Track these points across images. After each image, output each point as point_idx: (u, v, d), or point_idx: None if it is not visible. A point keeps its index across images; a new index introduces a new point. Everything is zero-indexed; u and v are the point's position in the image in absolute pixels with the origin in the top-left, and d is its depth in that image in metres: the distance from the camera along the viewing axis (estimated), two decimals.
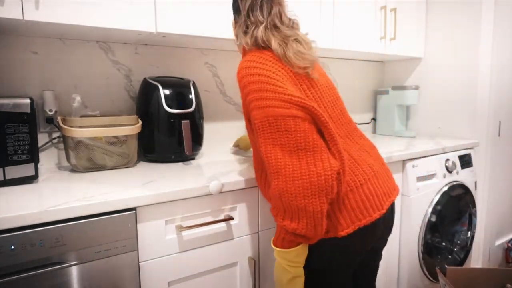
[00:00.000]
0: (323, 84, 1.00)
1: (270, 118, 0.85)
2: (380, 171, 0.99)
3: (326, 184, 0.81)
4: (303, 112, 0.84)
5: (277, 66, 0.91)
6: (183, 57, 1.61)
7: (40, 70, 1.31)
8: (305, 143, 0.82)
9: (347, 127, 1.02)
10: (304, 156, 0.82)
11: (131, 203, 0.91)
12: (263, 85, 0.87)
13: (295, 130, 0.83)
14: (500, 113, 2.08)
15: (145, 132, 1.34)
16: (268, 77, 0.88)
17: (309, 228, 0.83)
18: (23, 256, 0.80)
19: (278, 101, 0.85)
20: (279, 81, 0.88)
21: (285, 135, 0.83)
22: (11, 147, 0.99)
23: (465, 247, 1.91)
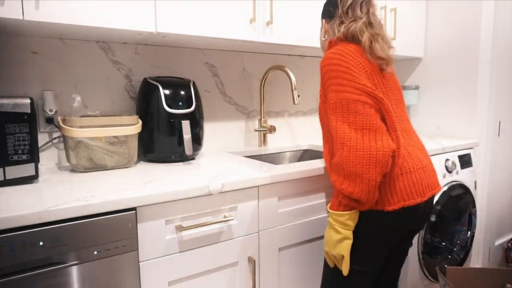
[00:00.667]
0: (392, 84, 1.14)
1: (343, 101, 1.00)
2: (428, 167, 1.12)
3: (382, 158, 0.95)
4: (371, 100, 1.00)
5: (356, 60, 1.04)
6: (183, 57, 1.61)
7: (40, 70, 1.31)
8: (370, 124, 0.97)
9: (405, 125, 1.15)
10: (367, 134, 0.96)
11: (131, 203, 0.91)
12: (341, 74, 1.02)
13: (363, 113, 0.98)
14: (500, 113, 2.09)
15: (145, 132, 1.34)
16: (347, 68, 1.02)
17: (363, 194, 0.97)
18: (23, 256, 0.80)
19: (352, 88, 1.00)
20: (356, 72, 1.02)
21: (354, 115, 0.99)
22: (11, 147, 0.99)
23: (465, 247, 1.91)
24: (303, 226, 1.27)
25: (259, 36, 1.45)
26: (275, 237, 1.21)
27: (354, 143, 0.97)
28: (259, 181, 1.13)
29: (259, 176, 1.13)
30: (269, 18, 1.45)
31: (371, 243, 1.06)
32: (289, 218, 1.24)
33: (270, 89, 1.89)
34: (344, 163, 0.98)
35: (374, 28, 1.13)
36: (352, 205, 1.01)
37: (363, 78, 1.02)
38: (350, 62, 1.03)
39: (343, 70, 1.02)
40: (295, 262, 1.28)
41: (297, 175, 1.21)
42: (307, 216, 1.28)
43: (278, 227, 1.21)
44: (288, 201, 1.23)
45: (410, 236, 1.20)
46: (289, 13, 1.52)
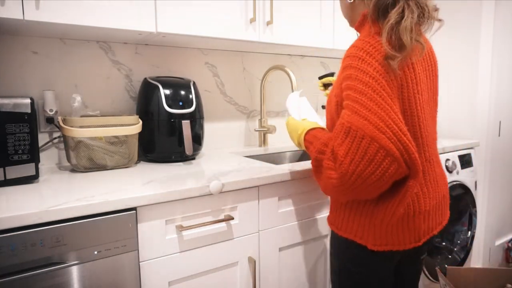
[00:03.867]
0: (431, 86, 0.93)
1: (358, 131, 0.79)
2: (438, 204, 0.98)
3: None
4: (398, 152, 0.77)
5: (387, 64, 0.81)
6: (183, 57, 1.61)
7: (40, 70, 1.31)
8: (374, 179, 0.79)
9: (434, 147, 0.98)
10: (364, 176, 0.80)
11: (132, 203, 0.91)
12: (368, 90, 0.80)
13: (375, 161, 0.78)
14: (500, 113, 2.09)
15: (146, 132, 1.34)
16: (378, 82, 0.80)
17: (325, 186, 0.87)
18: (24, 256, 0.80)
19: (378, 120, 0.78)
20: (390, 91, 0.80)
21: (361, 157, 0.79)
22: (12, 147, 0.99)
23: (465, 247, 1.91)
24: (303, 226, 1.27)
25: (259, 36, 1.45)
26: (275, 237, 1.21)
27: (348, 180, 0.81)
28: (259, 181, 1.13)
29: (259, 176, 1.13)
30: (269, 18, 1.45)
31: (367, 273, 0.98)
32: (289, 218, 1.24)
33: (270, 89, 1.89)
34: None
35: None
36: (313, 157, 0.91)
37: (395, 100, 0.81)
38: (384, 68, 0.80)
39: (371, 83, 0.80)
40: (295, 262, 1.28)
41: (297, 175, 1.21)
42: (307, 216, 1.28)
43: (278, 227, 1.21)
44: (288, 201, 1.23)
45: (416, 259, 1.10)
46: (289, 13, 1.52)
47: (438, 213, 0.99)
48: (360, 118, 0.79)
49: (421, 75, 0.90)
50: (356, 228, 0.94)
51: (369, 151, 0.77)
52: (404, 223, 0.91)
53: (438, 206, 0.98)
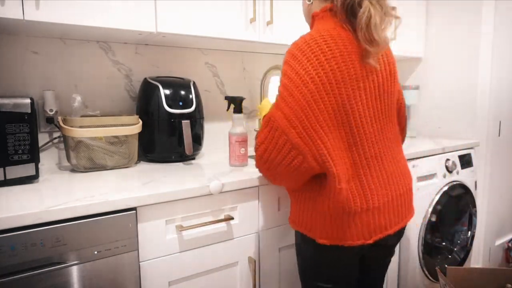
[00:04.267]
0: (384, 82, 0.94)
1: (272, 121, 0.89)
2: (391, 202, 0.97)
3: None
4: (306, 147, 0.86)
5: (333, 62, 0.85)
6: (183, 57, 1.61)
7: (40, 70, 1.31)
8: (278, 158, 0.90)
9: (387, 144, 0.97)
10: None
11: (132, 203, 0.91)
12: (293, 89, 0.85)
13: (282, 152, 0.88)
14: (500, 113, 2.09)
15: (146, 132, 1.34)
16: (304, 84, 0.84)
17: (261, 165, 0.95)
18: (24, 256, 0.80)
19: (293, 115, 0.85)
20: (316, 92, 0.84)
21: (274, 145, 0.89)
22: (12, 147, 0.99)
23: (465, 247, 1.91)
24: None
25: (259, 36, 1.45)
26: (275, 237, 1.21)
27: (262, 165, 0.94)
28: (259, 181, 1.13)
29: (259, 176, 1.13)
30: (269, 18, 1.45)
31: (328, 264, 0.99)
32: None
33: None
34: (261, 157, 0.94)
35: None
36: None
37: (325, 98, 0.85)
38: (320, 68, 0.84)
39: (297, 83, 0.85)
40: (295, 262, 1.28)
41: None
42: None
43: (278, 227, 1.21)
44: (288, 201, 1.23)
45: (384, 252, 1.09)
46: (289, 13, 1.52)
47: (392, 211, 0.97)
48: (278, 110, 0.88)
49: (365, 71, 0.90)
50: (305, 222, 0.98)
51: (279, 141, 0.87)
52: (350, 218, 0.91)
53: (391, 204, 0.96)
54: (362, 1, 0.86)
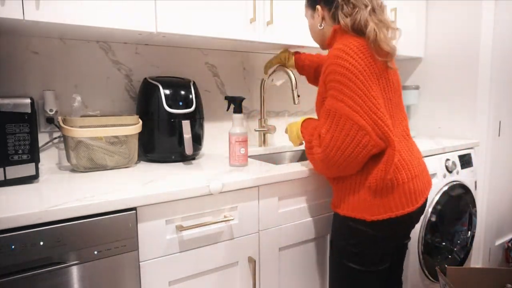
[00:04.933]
0: (396, 84, 1.11)
1: (337, 112, 0.99)
2: (422, 170, 1.13)
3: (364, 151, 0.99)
4: (369, 127, 0.97)
5: (365, 60, 1.00)
6: (183, 57, 1.61)
7: (40, 70, 1.31)
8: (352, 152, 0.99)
9: (404, 126, 1.13)
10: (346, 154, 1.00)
11: (132, 203, 0.91)
12: (347, 81, 0.98)
13: (351, 136, 0.98)
14: (500, 113, 2.09)
15: (146, 132, 1.34)
16: (355, 74, 0.98)
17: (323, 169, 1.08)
18: (24, 256, 0.80)
19: (352, 101, 0.98)
20: (365, 79, 0.98)
21: (339, 132, 0.99)
22: (12, 147, 0.99)
23: (465, 247, 1.91)
24: (303, 226, 1.27)
25: (259, 36, 1.45)
26: (275, 237, 1.21)
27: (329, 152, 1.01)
28: (259, 181, 1.13)
29: (259, 176, 1.13)
30: (269, 18, 1.45)
31: (369, 246, 1.07)
32: (289, 218, 1.24)
33: (270, 89, 1.89)
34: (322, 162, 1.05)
35: (376, 14, 1.06)
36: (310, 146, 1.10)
37: (373, 86, 0.99)
38: (361, 64, 0.99)
39: (350, 76, 0.98)
40: (295, 262, 1.28)
41: (297, 175, 1.21)
42: (307, 216, 1.28)
43: (278, 227, 1.21)
44: (288, 201, 1.23)
45: (408, 232, 1.22)
46: (289, 13, 1.52)
47: (423, 178, 1.12)
48: (337, 101, 0.99)
49: (391, 70, 1.10)
50: (353, 205, 1.06)
51: (345, 127, 0.98)
52: (399, 189, 1.03)
53: (423, 172, 1.13)
54: (367, 22, 1.03)
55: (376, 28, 1.02)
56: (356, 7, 1.05)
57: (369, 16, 1.04)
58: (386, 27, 1.06)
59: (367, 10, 1.04)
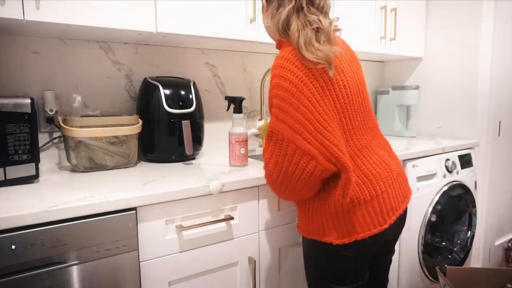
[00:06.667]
0: (353, 86, 0.95)
1: (279, 134, 0.88)
2: (393, 181, 0.99)
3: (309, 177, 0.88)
4: (316, 150, 0.85)
5: (308, 69, 0.87)
6: (183, 57, 1.61)
7: (40, 70, 1.31)
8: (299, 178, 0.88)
9: (370, 133, 1.01)
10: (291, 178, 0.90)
11: (132, 203, 0.91)
12: (290, 97, 0.86)
13: (295, 162, 0.86)
14: (500, 113, 2.09)
15: (146, 132, 1.34)
16: (299, 89, 0.86)
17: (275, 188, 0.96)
18: (24, 256, 0.80)
19: (296, 123, 0.86)
20: (311, 96, 0.86)
21: (283, 157, 0.88)
22: (12, 147, 0.99)
23: (465, 247, 1.91)
24: None
25: (259, 36, 1.45)
26: (275, 237, 1.21)
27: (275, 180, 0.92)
28: (259, 181, 1.13)
29: (259, 176, 1.13)
30: None
31: (341, 264, 0.99)
32: (289, 218, 1.24)
33: None
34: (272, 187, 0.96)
35: (304, 14, 0.90)
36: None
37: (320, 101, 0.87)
38: (306, 74, 0.86)
39: (293, 91, 0.86)
40: (295, 262, 1.28)
41: None
42: None
43: (278, 227, 1.21)
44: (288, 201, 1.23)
45: (388, 247, 1.12)
46: None
47: (397, 192, 1.00)
48: (279, 122, 0.88)
49: (346, 69, 0.94)
50: (318, 229, 0.97)
51: (288, 151, 0.87)
52: (363, 209, 0.92)
53: (395, 184, 1.00)
54: (290, 22, 0.90)
55: (300, 30, 0.88)
56: (281, 6, 0.92)
57: (293, 14, 0.90)
58: (315, 29, 0.89)
59: (290, 6, 0.90)
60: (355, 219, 0.92)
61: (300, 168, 0.86)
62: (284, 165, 0.88)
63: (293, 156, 0.86)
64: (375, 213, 0.94)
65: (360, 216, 0.92)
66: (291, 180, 0.89)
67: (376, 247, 1.00)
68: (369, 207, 0.93)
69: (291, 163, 0.87)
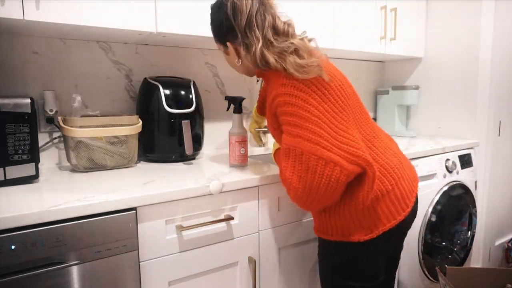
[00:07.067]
0: (346, 86, 0.99)
1: (297, 149, 0.88)
2: (405, 169, 1.03)
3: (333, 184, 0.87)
4: (337, 156, 0.85)
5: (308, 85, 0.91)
6: (183, 57, 1.61)
7: (40, 70, 1.31)
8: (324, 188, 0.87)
9: (371, 128, 1.03)
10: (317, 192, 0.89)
11: (132, 203, 0.91)
12: (300, 111, 0.89)
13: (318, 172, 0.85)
14: (500, 113, 2.09)
15: (146, 132, 1.34)
16: (306, 102, 0.89)
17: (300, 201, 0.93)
18: (24, 256, 0.80)
19: (311, 134, 0.87)
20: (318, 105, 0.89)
21: (305, 171, 0.87)
22: (12, 147, 0.99)
23: (465, 247, 1.91)
24: (303, 226, 1.27)
25: None
26: (275, 237, 1.21)
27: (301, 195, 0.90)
28: (259, 181, 1.13)
29: (259, 176, 1.13)
30: None
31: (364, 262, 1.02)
32: (289, 218, 1.24)
33: None
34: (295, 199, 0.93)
35: (275, 45, 0.95)
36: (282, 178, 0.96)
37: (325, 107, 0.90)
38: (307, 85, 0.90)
39: (301, 104, 0.89)
40: (295, 262, 1.28)
41: None
42: (307, 216, 1.28)
43: (278, 227, 1.21)
44: (288, 201, 1.23)
45: (401, 241, 1.15)
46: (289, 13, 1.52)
47: (409, 176, 1.04)
48: (294, 137, 0.89)
49: (335, 73, 0.99)
50: (342, 229, 0.97)
51: (310, 164, 0.86)
52: (387, 200, 0.95)
53: (406, 170, 1.04)
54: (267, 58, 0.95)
55: (278, 60, 0.93)
56: (251, 45, 0.97)
57: (266, 50, 0.96)
58: (293, 51, 0.94)
59: (260, 44, 0.95)
60: (380, 211, 0.95)
61: (326, 177, 0.85)
62: (309, 178, 0.86)
63: (316, 167, 0.85)
64: (398, 201, 0.97)
65: (385, 207, 0.95)
66: (318, 191, 0.87)
67: (397, 239, 1.04)
68: (392, 196, 0.96)
69: (315, 175, 0.86)
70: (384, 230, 0.95)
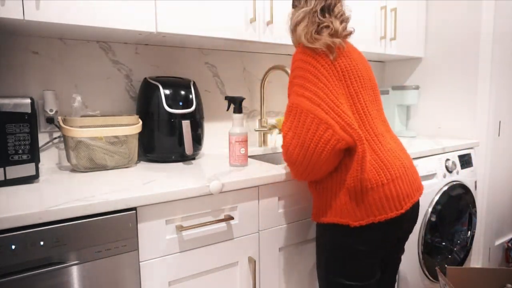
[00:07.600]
0: (366, 80, 1.05)
1: (298, 108, 0.95)
2: (406, 172, 1.04)
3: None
4: (332, 120, 0.92)
5: (327, 59, 0.98)
6: (183, 57, 1.61)
7: (40, 70, 1.31)
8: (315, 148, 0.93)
9: (384, 126, 1.08)
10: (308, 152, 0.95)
11: (132, 203, 0.91)
12: (311, 77, 0.96)
13: (311, 130, 0.92)
14: (500, 113, 2.09)
15: (146, 132, 1.34)
16: (319, 71, 0.96)
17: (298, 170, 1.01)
18: (24, 256, 0.80)
19: (315, 96, 0.94)
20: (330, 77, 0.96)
21: (301, 128, 0.93)
22: (12, 147, 0.99)
23: (465, 247, 1.91)
24: (303, 226, 1.27)
25: (259, 36, 1.45)
26: (275, 237, 1.21)
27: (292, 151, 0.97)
28: (259, 181, 1.13)
29: (259, 176, 1.13)
30: (269, 18, 1.45)
31: (356, 258, 1.02)
32: (289, 218, 1.24)
33: (270, 89, 1.89)
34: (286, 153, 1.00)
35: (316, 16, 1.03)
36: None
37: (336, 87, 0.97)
38: (325, 60, 0.98)
39: (314, 72, 0.96)
40: (295, 262, 1.28)
41: None
42: (307, 216, 1.28)
43: (278, 227, 1.21)
44: (288, 201, 1.23)
45: (399, 244, 1.16)
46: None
47: (409, 181, 1.04)
48: (299, 96, 0.96)
49: (359, 65, 1.05)
50: (335, 210, 1.01)
51: (306, 121, 0.93)
52: (380, 191, 0.97)
53: (408, 173, 1.05)
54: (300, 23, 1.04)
55: (305, 29, 1.01)
56: (300, 8, 1.05)
57: (307, 16, 1.03)
58: (323, 27, 1.02)
59: (308, 9, 1.03)
60: (372, 201, 0.97)
61: (317, 136, 0.91)
62: (302, 135, 0.93)
63: (311, 125, 0.92)
64: (392, 198, 0.98)
65: (378, 199, 0.97)
66: (308, 151, 0.93)
67: (390, 239, 1.03)
68: (386, 190, 0.98)
69: (308, 132, 0.92)
70: (373, 220, 0.97)
